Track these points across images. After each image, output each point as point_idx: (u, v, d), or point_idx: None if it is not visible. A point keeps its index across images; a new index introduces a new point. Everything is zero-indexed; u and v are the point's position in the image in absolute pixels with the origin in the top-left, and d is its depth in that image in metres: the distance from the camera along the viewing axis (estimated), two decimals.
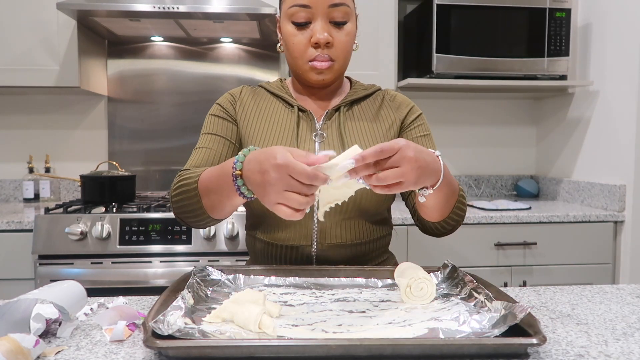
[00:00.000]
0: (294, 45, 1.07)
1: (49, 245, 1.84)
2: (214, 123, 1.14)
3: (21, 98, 2.51)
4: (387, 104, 1.18)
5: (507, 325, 0.67)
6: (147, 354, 0.67)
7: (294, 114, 1.13)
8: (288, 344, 0.63)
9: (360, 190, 1.05)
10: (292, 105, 1.14)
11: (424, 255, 2.03)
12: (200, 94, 2.54)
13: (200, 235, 1.88)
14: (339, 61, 1.08)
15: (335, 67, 1.08)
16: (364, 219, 1.11)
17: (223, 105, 1.16)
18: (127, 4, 1.94)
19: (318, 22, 1.04)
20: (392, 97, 1.20)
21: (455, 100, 2.72)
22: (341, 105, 1.14)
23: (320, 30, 1.04)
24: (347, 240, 1.10)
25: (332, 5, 1.04)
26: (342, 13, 1.05)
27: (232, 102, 1.16)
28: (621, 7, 2.13)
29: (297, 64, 1.09)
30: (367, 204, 1.08)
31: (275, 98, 1.17)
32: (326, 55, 1.06)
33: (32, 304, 0.71)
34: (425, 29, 2.26)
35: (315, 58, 1.06)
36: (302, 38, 1.06)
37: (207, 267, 0.94)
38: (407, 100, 1.20)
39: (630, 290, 1.00)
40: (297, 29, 1.06)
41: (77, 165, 2.54)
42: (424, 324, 0.73)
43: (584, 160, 2.39)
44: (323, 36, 1.04)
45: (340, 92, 1.18)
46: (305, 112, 1.13)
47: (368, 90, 1.19)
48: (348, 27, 1.07)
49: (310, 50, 1.06)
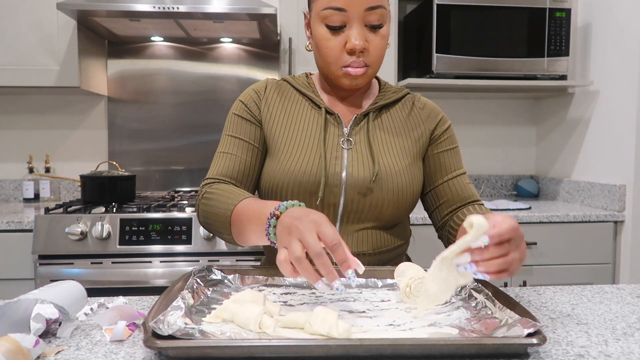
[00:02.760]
0: (327, 49, 1.01)
1: (49, 245, 1.84)
2: (237, 124, 1.09)
3: (21, 98, 2.51)
4: (416, 112, 1.13)
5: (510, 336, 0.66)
6: (147, 354, 0.67)
7: (321, 116, 1.08)
8: (288, 344, 0.63)
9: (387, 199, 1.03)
10: (319, 107, 1.09)
11: (426, 256, 2.03)
12: (200, 94, 2.54)
13: (200, 235, 1.88)
14: (374, 66, 1.03)
15: (369, 72, 1.03)
16: (382, 229, 1.08)
17: (247, 104, 1.10)
18: (127, 4, 1.94)
19: (354, 27, 0.99)
20: (422, 105, 1.15)
21: (455, 100, 2.72)
22: (370, 111, 1.09)
23: (356, 36, 0.98)
24: (364, 250, 1.07)
25: (368, 9, 0.98)
26: (379, 16, 1.00)
27: (257, 101, 1.11)
28: (621, 7, 2.13)
29: (329, 69, 1.03)
30: (387, 212, 1.06)
31: (301, 96, 1.12)
32: (361, 61, 1.01)
33: (32, 304, 0.71)
34: (425, 29, 2.26)
35: (350, 64, 1.01)
36: (336, 43, 1.00)
37: (207, 267, 0.94)
38: (436, 110, 1.16)
39: (630, 290, 1.00)
40: (331, 33, 1.00)
41: (77, 165, 2.54)
42: (425, 329, 0.73)
43: (584, 160, 2.39)
44: (359, 43, 0.98)
45: (369, 94, 1.13)
46: (333, 115, 1.08)
47: (397, 95, 1.13)
48: (384, 30, 1.02)
49: (345, 57, 1.01)
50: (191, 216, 1.91)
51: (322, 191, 1.02)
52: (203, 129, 2.55)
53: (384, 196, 1.04)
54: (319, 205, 1.04)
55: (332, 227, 0.73)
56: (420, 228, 2.04)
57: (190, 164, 2.55)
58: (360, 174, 1.04)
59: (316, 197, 1.03)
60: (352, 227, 1.06)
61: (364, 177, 1.04)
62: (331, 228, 0.72)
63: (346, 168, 1.05)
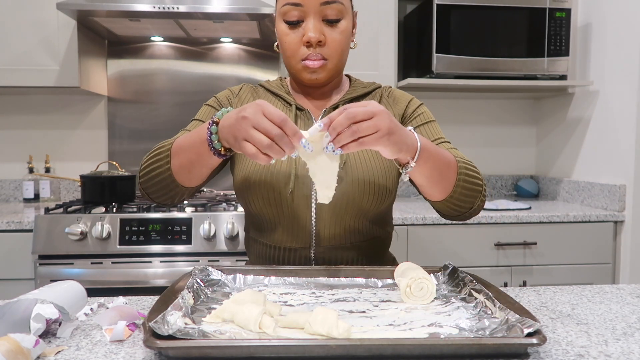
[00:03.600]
0: (286, 44, 1.06)
1: (49, 245, 1.84)
2: (206, 112, 1.15)
3: (21, 98, 2.51)
4: (385, 101, 1.16)
5: (510, 336, 0.66)
6: (147, 354, 0.67)
7: (291, 112, 1.12)
8: (288, 344, 0.63)
9: (359, 187, 1.05)
10: (289, 104, 1.13)
11: (424, 256, 2.03)
12: (200, 94, 2.54)
13: (200, 235, 1.88)
14: (333, 60, 1.06)
15: (328, 66, 1.06)
16: (363, 219, 1.09)
17: (219, 98, 1.17)
18: (127, 4, 1.94)
19: (310, 20, 1.03)
20: (389, 93, 1.18)
21: (455, 100, 2.72)
22: (339, 104, 1.12)
23: (311, 28, 1.02)
24: (345, 242, 1.08)
25: (324, 3, 1.02)
26: (336, 11, 1.03)
27: (230, 97, 1.17)
28: (621, 7, 2.13)
29: (290, 63, 1.08)
30: (366, 203, 1.07)
31: (274, 97, 1.16)
32: (318, 54, 1.04)
33: (32, 304, 0.71)
34: (425, 29, 2.26)
35: (308, 57, 1.04)
36: (295, 37, 1.04)
37: (207, 267, 0.94)
38: (405, 95, 1.18)
39: (630, 290, 1.00)
40: (290, 28, 1.05)
41: (77, 165, 2.54)
42: (425, 329, 0.73)
43: (584, 160, 2.39)
44: (314, 35, 1.02)
45: (339, 90, 1.17)
46: (302, 111, 1.12)
47: (367, 88, 1.17)
48: (342, 24, 1.05)
49: (303, 50, 1.04)
50: (191, 216, 1.91)
51: (293, 182, 1.05)
52: None
53: (355, 184, 1.05)
54: (291, 197, 1.06)
55: (273, 107, 0.77)
56: (417, 228, 2.04)
57: None
58: None
59: (287, 189, 1.05)
60: (327, 217, 1.07)
61: None
62: (272, 107, 0.77)
63: None
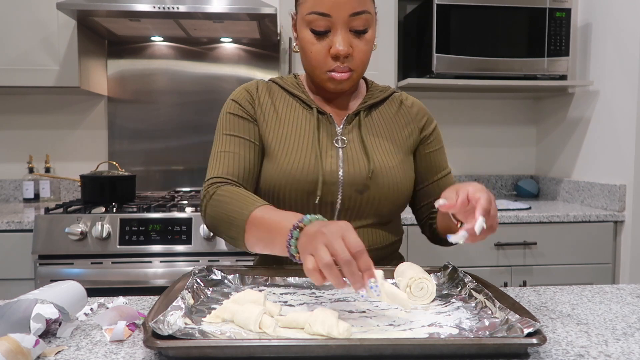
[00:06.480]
0: (312, 54, 1.02)
1: (49, 245, 1.84)
2: (233, 123, 1.08)
3: (21, 98, 2.51)
4: (405, 110, 1.16)
5: (510, 336, 0.66)
6: (147, 354, 0.67)
7: (313, 116, 1.08)
8: (288, 344, 0.63)
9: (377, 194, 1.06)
10: (310, 107, 1.10)
11: (424, 256, 2.03)
12: (200, 94, 2.54)
13: (200, 235, 1.88)
14: (358, 70, 1.04)
15: (353, 76, 1.04)
16: (378, 225, 1.10)
17: (241, 103, 1.10)
18: (127, 4, 1.94)
19: (338, 32, 0.99)
20: (410, 104, 1.17)
21: (455, 100, 2.72)
22: (360, 110, 1.11)
23: (340, 41, 0.99)
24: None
25: (353, 14, 0.98)
26: (363, 21, 1.00)
27: (250, 100, 1.10)
28: (621, 7, 2.13)
29: (314, 72, 1.05)
30: (384, 208, 1.07)
31: (291, 97, 1.12)
32: (346, 67, 1.02)
33: (32, 304, 0.71)
34: (425, 29, 2.26)
35: (334, 69, 1.02)
36: (321, 48, 1.01)
37: (207, 267, 0.94)
38: (423, 109, 1.18)
39: (630, 290, 1.00)
40: (316, 38, 1.01)
41: (77, 165, 2.54)
42: (425, 329, 0.73)
43: (584, 160, 2.39)
44: (343, 49, 0.99)
45: (357, 94, 1.15)
46: (324, 115, 1.09)
47: (385, 93, 1.16)
48: (369, 34, 1.02)
49: (329, 61, 1.01)
50: (191, 216, 1.91)
51: (320, 190, 1.03)
52: (203, 129, 2.55)
53: (380, 192, 1.06)
54: (317, 204, 1.04)
55: (356, 234, 0.72)
56: (417, 228, 2.01)
57: (190, 164, 2.55)
58: (357, 171, 1.06)
59: (314, 196, 1.03)
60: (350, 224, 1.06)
61: (360, 174, 1.05)
62: (355, 235, 0.72)
63: (342, 166, 1.06)
